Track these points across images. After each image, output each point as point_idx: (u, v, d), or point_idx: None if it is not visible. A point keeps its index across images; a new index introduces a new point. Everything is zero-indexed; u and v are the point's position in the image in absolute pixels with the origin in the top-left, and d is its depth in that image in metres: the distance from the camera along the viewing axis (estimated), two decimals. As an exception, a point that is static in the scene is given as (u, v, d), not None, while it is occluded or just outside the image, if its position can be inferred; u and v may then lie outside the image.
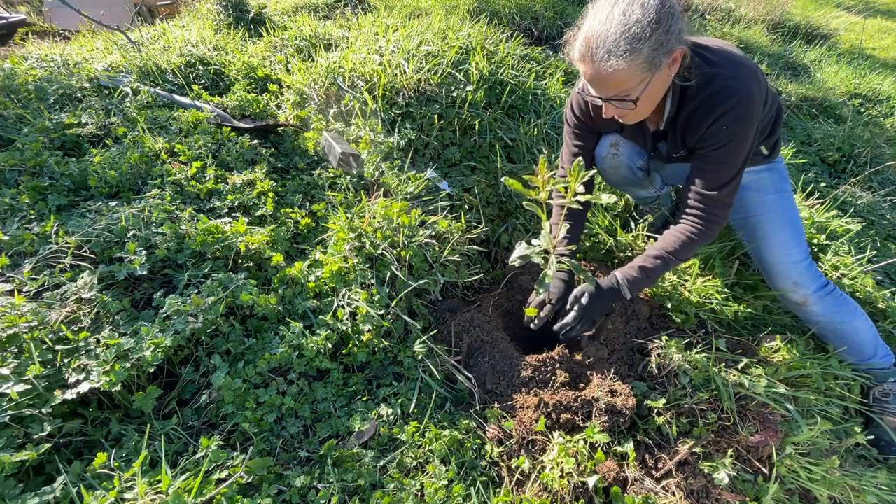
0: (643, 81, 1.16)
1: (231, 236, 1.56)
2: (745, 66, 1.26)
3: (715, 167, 1.31)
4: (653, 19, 1.08)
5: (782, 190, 1.56)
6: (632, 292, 1.46)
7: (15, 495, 0.96)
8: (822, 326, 1.57)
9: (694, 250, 1.41)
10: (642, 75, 1.14)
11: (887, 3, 8.51)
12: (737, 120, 1.23)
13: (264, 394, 1.29)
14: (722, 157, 1.28)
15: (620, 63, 1.11)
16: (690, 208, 1.39)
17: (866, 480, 1.30)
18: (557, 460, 1.23)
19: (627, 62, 1.10)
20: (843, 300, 1.54)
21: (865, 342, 1.54)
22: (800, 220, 1.57)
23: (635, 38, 1.09)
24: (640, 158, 1.68)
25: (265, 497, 1.10)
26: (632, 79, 1.15)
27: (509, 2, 3.98)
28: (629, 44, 1.09)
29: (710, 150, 1.29)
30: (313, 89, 2.46)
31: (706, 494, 1.21)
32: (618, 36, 1.09)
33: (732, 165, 1.29)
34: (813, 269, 1.53)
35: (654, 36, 1.09)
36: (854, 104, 4.03)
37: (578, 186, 1.26)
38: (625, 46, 1.09)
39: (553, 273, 1.41)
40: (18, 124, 1.95)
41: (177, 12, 4.96)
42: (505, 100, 2.43)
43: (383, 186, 1.98)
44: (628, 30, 1.08)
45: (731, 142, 1.25)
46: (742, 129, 1.24)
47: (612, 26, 1.10)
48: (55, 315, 1.24)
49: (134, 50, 2.76)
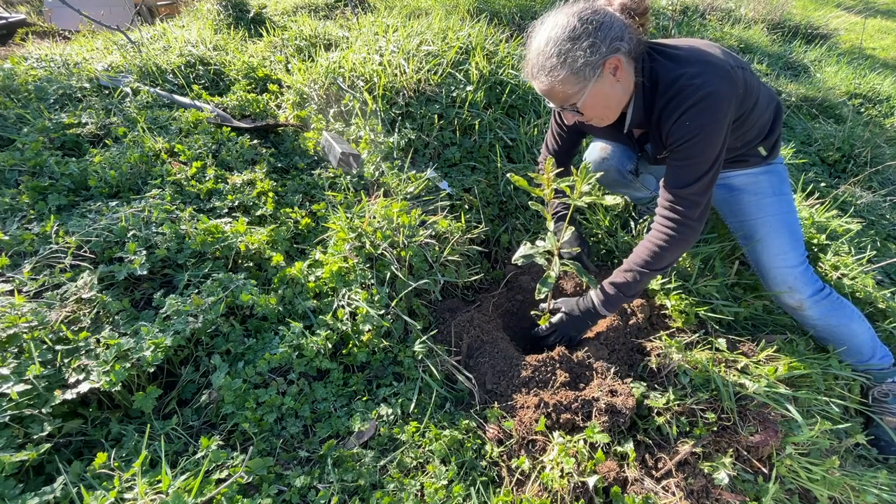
0: (580, 91, 1.26)
1: (231, 236, 1.56)
2: (714, 64, 1.26)
3: (681, 164, 1.30)
4: (568, 38, 1.20)
5: (780, 193, 1.55)
6: (608, 309, 1.48)
7: (15, 495, 0.96)
8: (819, 330, 1.57)
9: (669, 258, 1.38)
10: (576, 86, 1.25)
11: (887, 3, 8.51)
12: (700, 114, 1.23)
13: (264, 394, 1.29)
14: (687, 152, 1.27)
15: (548, 80, 1.25)
16: (661, 210, 1.38)
17: (866, 480, 1.31)
18: (557, 460, 1.23)
19: (553, 77, 1.24)
20: (839, 304, 1.53)
21: (863, 344, 1.54)
22: (798, 223, 1.55)
23: (554, 55, 1.22)
24: (629, 162, 1.73)
25: (265, 497, 1.10)
26: (567, 90, 1.26)
27: (509, 2, 3.98)
28: (549, 62, 1.23)
29: (676, 147, 1.29)
30: (313, 89, 2.46)
31: (706, 494, 1.21)
32: (543, 58, 1.24)
33: (699, 162, 1.27)
34: (809, 273, 1.52)
35: (574, 52, 1.20)
36: (854, 104, 4.03)
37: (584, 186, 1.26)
38: (548, 65, 1.23)
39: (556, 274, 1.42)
40: (18, 124, 1.95)
41: (177, 12, 4.96)
42: (505, 100, 2.43)
43: (383, 186, 1.98)
44: (549, 49, 1.22)
45: (694, 136, 1.24)
46: (707, 124, 1.23)
47: (539, 48, 1.24)
48: (55, 315, 1.24)
49: (134, 50, 2.76)
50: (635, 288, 1.43)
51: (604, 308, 1.48)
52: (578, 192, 1.30)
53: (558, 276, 1.43)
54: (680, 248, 1.36)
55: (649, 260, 1.38)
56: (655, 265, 1.38)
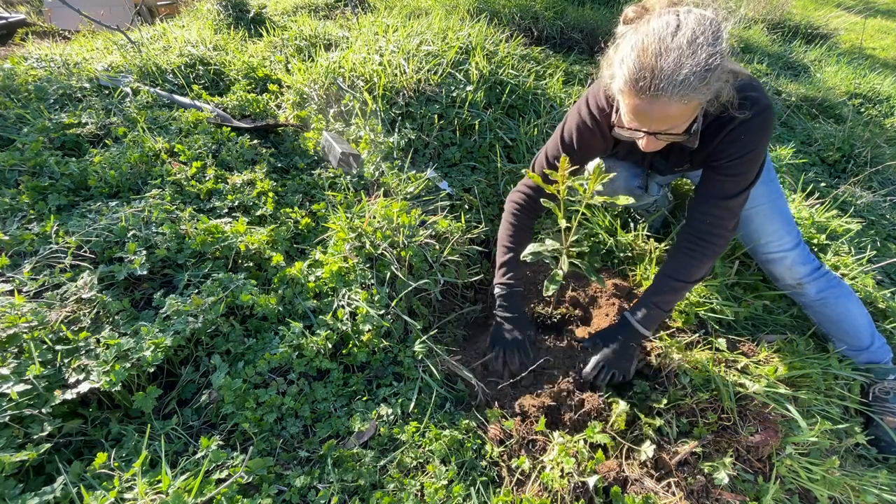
0: (695, 111, 1.07)
1: (231, 236, 1.56)
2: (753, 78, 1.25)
3: (727, 178, 1.28)
4: (719, 47, 0.96)
5: (769, 180, 1.57)
6: (649, 327, 1.42)
7: (15, 495, 0.96)
8: (817, 310, 1.59)
9: (705, 269, 1.37)
10: (696, 112, 1.07)
11: (887, 3, 8.51)
12: (757, 130, 1.21)
13: (264, 394, 1.29)
14: (737, 168, 1.25)
15: (691, 98, 0.98)
16: (695, 222, 1.34)
17: (866, 480, 1.30)
18: (558, 460, 1.23)
19: (698, 97, 0.98)
20: (836, 281, 1.58)
21: (862, 328, 1.56)
22: (787, 206, 1.60)
23: (708, 70, 0.95)
24: (636, 179, 1.65)
25: (265, 497, 1.10)
26: (693, 112, 1.05)
27: (509, 2, 3.98)
28: (700, 78, 0.95)
29: (727, 161, 1.25)
30: (313, 89, 2.46)
31: (706, 494, 1.21)
32: (689, 69, 0.95)
33: (747, 177, 1.27)
34: (805, 252, 1.57)
35: (722, 67, 0.97)
36: (854, 104, 4.03)
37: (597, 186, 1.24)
38: (696, 82, 0.95)
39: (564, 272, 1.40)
40: (18, 124, 1.95)
41: (177, 12, 4.96)
42: (505, 100, 2.43)
43: (383, 186, 1.98)
44: (699, 62, 0.94)
45: (748, 153, 1.22)
46: (762, 139, 1.22)
47: (683, 57, 0.95)
48: (55, 315, 1.24)
49: (134, 50, 2.76)
50: (673, 302, 1.42)
51: (643, 327, 1.41)
52: (591, 191, 1.28)
53: (566, 273, 1.41)
54: (713, 258, 1.36)
55: (687, 272, 1.36)
56: (692, 276, 1.37)
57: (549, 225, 2.06)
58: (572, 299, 1.74)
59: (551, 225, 2.06)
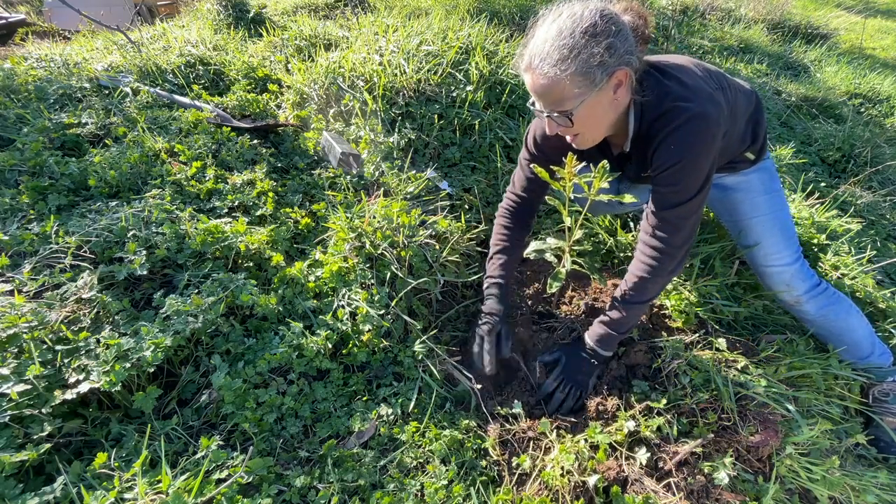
0: (581, 95, 1.13)
1: (231, 236, 1.56)
2: (700, 85, 1.21)
3: (666, 189, 1.23)
4: (586, 31, 1.09)
5: (772, 190, 1.55)
6: (604, 348, 1.41)
7: (15, 495, 0.96)
8: (817, 325, 1.58)
9: (654, 289, 1.33)
10: (579, 89, 1.12)
11: (887, 3, 8.51)
12: (686, 137, 1.16)
13: (264, 394, 1.29)
14: (672, 178, 1.20)
15: (552, 71, 1.11)
16: (643, 236, 1.31)
17: (866, 480, 1.30)
18: (558, 459, 1.23)
19: (559, 70, 1.10)
20: (836, 298, 1.55)
21: (861, 340, 1.55)
22: (790, 218, 1.57)
23: (566, 47, 1.09)
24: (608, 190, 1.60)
25: (265, 497, 1.10)
26: (566, 90, 1.13)
27: (509, 2, 3.98)
28: (559, 52, 1.10)
29: (661, 172, 1.21)
30: (313, 89, 2.46)
31: (706, 494, 1.21)
32: (552, 45, 1.11)
33: (686, 187, 1.20)
34: (804, 269, 1.54)
35: (589, 48, 1.09)
36: (854, 104, 4.03)
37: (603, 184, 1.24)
38: (556, 55, 1.10)
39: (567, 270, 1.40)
40: (18, 124, 1.95)
41: (177, 12, 4.96)
42: (505, 100, 2.43)
43: (383, 186, 1.98)
44: (562, 40, 1.10)
45: (680, 161, 1.17)
46: (694, 147, 1.16)
47: (549, 37, 1.12)
48: (55, 315, 1.24)
49: (134, 50, 2.76)
50: (627, 323, 1.38)
51: (599, 347, 1.41)
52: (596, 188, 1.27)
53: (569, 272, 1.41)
54: (664, 278, 1.31)
55: (633, 293, 1.33)
56: (640, 297, 1.33)
57: (550, 225, 2.07)
58: (572, 299, 1.74)
59: (552, 225, 2.07)
